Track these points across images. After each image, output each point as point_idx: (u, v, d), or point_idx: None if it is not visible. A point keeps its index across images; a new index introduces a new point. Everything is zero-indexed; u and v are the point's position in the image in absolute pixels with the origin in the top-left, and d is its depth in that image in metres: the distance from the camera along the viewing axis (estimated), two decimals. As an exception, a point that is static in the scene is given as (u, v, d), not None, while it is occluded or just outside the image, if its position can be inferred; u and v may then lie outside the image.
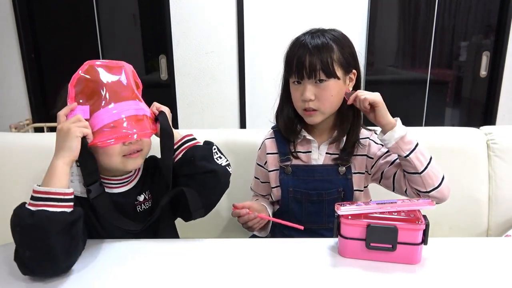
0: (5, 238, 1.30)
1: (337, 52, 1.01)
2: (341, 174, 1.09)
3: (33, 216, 0.75)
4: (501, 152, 1.39)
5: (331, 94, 1.02)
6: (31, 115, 2.60)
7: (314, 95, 1.01)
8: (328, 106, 1.04)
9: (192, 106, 2.59)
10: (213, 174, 0.93)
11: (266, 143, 1.17)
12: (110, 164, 0.92)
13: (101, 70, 0.89)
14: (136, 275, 0.81)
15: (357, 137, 1.10)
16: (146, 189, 1.02)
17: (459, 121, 2.84)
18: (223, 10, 2.44)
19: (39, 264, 0.76)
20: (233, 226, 1.35)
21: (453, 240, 0.97)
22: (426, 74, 2.66)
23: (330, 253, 0.88)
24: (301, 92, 1.02)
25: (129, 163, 0.93)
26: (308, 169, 1.10)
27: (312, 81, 1.01)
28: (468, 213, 1.41)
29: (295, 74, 1.01)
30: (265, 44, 2.47)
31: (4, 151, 1.33)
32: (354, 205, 0.87)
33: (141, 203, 1.00)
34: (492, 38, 2.61)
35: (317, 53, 0.99)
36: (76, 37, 2.60)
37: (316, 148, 1.11)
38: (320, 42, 1.00)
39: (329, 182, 1.09)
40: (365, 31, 2.48)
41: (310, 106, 1.02)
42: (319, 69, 0.98)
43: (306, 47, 1.00)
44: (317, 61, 0.98)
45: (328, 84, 1.01)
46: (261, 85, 2.55)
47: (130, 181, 0.99)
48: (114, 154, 0.90)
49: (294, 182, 1.11)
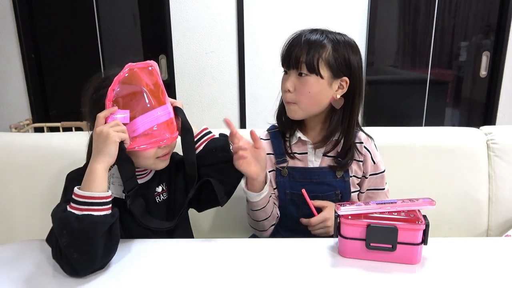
0: (5, 238, 1.31)
1: (329, 52, 0.99)
2: (338, 177, 1.08)
3: (79, 220, 0.78)
4: (501, 152, 1.39)
5: (308, 90, 1.01)
6: (31, 115, 2.60)
7: (293, 87, 1.02)
8: (305, 103, 1.03)
9: (192, 106, 2.59)
10: (232, 163, 0.99)
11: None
12: (143, 165, 0.96)
13: (141, 74, 0.90)
14: (135, 274, 0.81)
15: (351, 143, 1.08)
16: (163, 180, 1.04)
17: (459, 121, 2.84)
18: (223, 10, 2.44)
19: (82, 264, 0.79)
20: (233, 226, 1.35)
21: (453, 240, 0.97)
22: (426, 74, 2.66)
23: (330, 253, 0.88)
24: (285, 82, 1.04)
25: (160, 164, 0.96)
26: (305, 172, 1.10)
27: (295, 72, 1.01)
28: (468, 213, 1.41)
29: (284, 62, 1.03)
30: (265, 44, 2.47)
31: (4, 151, 1.33)
32: (354, 205, 0.87)
33: (159, 193, 1.02)
34: (492, 38, 2.61)
35: (306, 46, 0.99)
36: (76, 37, 2.60)
37: (312, 149, 1.10)
38: (314, 38, 1.00)
39: (326, 185, 1.08)
40: (365, 31, 2.48)
41: (287, 96, 1.03)
42: (302, 61, 0.98)
43: (299, 39, 1.01)
44: (303, 53, 0.99)
45: (308, 79, 1.00)
46: (261, 85, 2.55)
47: (149, 173, 1.01)
48: (149, 157, 0.93)
49: (291, 185, 1.10)
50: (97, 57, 2.58)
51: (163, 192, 1.03)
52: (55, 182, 1.21)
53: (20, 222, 1.32)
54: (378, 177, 1.14)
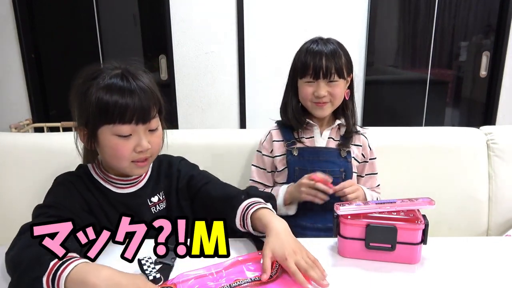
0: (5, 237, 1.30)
1: (343, 58, 1.19)
2: (342, 156, 1.23)
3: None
4: (501, 152, 1.39)
5: (341, 92, 1.20)
6: (31, 115, 2.60)
7: (327, 92, 1.18)
8: (337, 101, 1.21)
9: (192, 106, 2.59)
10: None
11: (272, 133, 1.28)
12: (118, 167, 0.93)
13: None
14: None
15: (355, 123, 1.26)
16: (160, 189, 1.02)
17: (459, 121, 2.84)
18: (223, 10, 2.44)
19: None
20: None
21: (453, 239, 0.97)
22: (426, 74, 2.66)
23: (330, 253, 0.88)
24: (314, 89, 1.18)
25: (137, 170, 0.94)
26: (313, 151, 1.23)
27: (325, 81, 1.17)
28: (468, 213, 1.41)
29: (312, 75, 1.17)
30: (265, 44, 2.46)
31: (4, 151, 1.33)
32: (353, 204, 0.87)
33: (156, 204, 1.00)
34: (492, 38, 2.61)
35: (332, 58, 1.16)
36: (76, 37, 2.60)
37: (318, 133, 1.25)
38: (333, 48, 1.18)
39: (332, 163, 1.21)
40: (365, 31, 2.47)
41: (323, 100, 1.18)
42: (334, 72, 1.16)
43: (322, 53, 1.16)
44: (332, 65, 1.16)
45: (339, 83, 1.18)
46: (261, 85, 2.55)
47: (139, 181, 0.99)
48: (123, 158, 0.90)
49: (301, 162, 1.22)
50: (97, 57, 2.58)
51: (160, 202, 1.01)
52: (55, 182, 1.20)
53: (20, 222, 1.31)
54: (374, 162, 1.29)
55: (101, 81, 0.87)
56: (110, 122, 0.86)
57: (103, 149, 0.90)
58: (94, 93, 0.86)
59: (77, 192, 0.93)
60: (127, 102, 0.85)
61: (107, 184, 0.96)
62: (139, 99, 0.86)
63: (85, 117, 0.89)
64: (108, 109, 0.85)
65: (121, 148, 0.88)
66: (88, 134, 0.90)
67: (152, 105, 0.89)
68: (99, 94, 0.85)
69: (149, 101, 0.88)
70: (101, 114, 0.86)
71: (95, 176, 0.97)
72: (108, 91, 0.85)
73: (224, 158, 1.37)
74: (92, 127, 0.88)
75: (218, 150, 1.38)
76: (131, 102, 0.85)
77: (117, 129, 0.86)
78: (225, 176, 1.10)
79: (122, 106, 0.85)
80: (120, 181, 0.97)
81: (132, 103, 0.85)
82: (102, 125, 0.87)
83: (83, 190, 0.94)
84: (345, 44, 1.21)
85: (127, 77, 0.88)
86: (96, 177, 0.96)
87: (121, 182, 0.97)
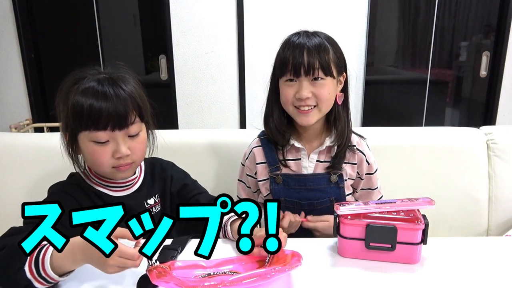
0: (5, 238, 1.30)
1: (332, 52, 1.01)
2: (332, 182, 1.08)
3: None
4: (501, 152, 1.39)
5: (328, 92, 1.01)
6: (31, 115, 2.60)
7: (311, 93, 1.00)
8: (325, 105, 1.03)
9: (192, 106, 2.59)
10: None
11: (254, 152, 1.13)
12: (99, 172, 0.94)
13: None
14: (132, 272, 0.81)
15: (349, 136, 1.09)
16: (155, 192, 1.02)
17: (459, 121, 2.84)
18: (223, 10, 2.43)
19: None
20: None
21: (453, 239, 0.97)
22: (426, 74, 2.66)
23: (330, 253, 0.88)
24: (296, 90, 1.01)
25: (119, 174, 0.93)
26: (299, 179, 1.08)
27: (308, 79, 1.00)
28: (468, 213, 1.41)
29: (291, 72, 1.00)
30: (265, 44, 2.46)
31: (4, 151, 1.33)
32: (353, 204, 0.87)
33: (152, 206, 1.01)
34: (492, 38, 2.60)
35: (316, 51, 0.98)
36: (76, 37, 2.60)
37: (305, 156, 1.09)
38: (318, 41, 1.00)
39: (321, 192, 1.08)
40: (365, 31, 2.47)
41: (307, 103, 1.00)
42: (318, 67, 0.98)
43: (304, 46, 0.99)
44: (315, 59, 0.98)
45: (326, 82, 1.00)
46: (261, 85, 2.54)
47: (133, 184, 1.00)
48: (103, 165, 0.90)
49: (286, 192, 1.09)
50: (97, 57, 2.58)
51: (156, 204, 1.01)
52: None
53: (20, 222, 1.31)
54: (372, 177, 1.14)
55: (81, 86, 0.87)
56: (86, 128, 0.86)
57: (84, 155, 0.92)
58: (72, 97, 0.86)
59: (73, 199, 0.93)
60: (101, 106, 0.85)
61: (102, 188, 0.97)
62: (113, 104, 0.85)
63: (65, 122, 0.89)
64: (82, 113, 0.85)
65: (98, 155, 0.88)
66: (69, 139, 0.91)
67: (129, 111, 0.88)
68: (76, 98, 0.86)
69: (125, 107, 0.87)
70: (77, 118, 0.86)
71: (88, 182, 0.96)
72: (85, 95, 0.85)
73: (224, 158, 1.37)
74: (72, 132, 0.89)
75: (218, 150, 1.38)
76: (105, 107, 0.85)
77: (93, 136, 0.87)
78: (224, 176, 1.11)
79: (96, 110, 0.84)
80: (114, 183, 0.97)
81: (106, 108, 0.85)
82: (80, 131, 0.87)
83: (78, 196, 0.94)
84: (345, 44, 1.08)
85: (105, 83, 0.87)
86: (89, 183, 0.96)
87: (115, 185, 0.97)
